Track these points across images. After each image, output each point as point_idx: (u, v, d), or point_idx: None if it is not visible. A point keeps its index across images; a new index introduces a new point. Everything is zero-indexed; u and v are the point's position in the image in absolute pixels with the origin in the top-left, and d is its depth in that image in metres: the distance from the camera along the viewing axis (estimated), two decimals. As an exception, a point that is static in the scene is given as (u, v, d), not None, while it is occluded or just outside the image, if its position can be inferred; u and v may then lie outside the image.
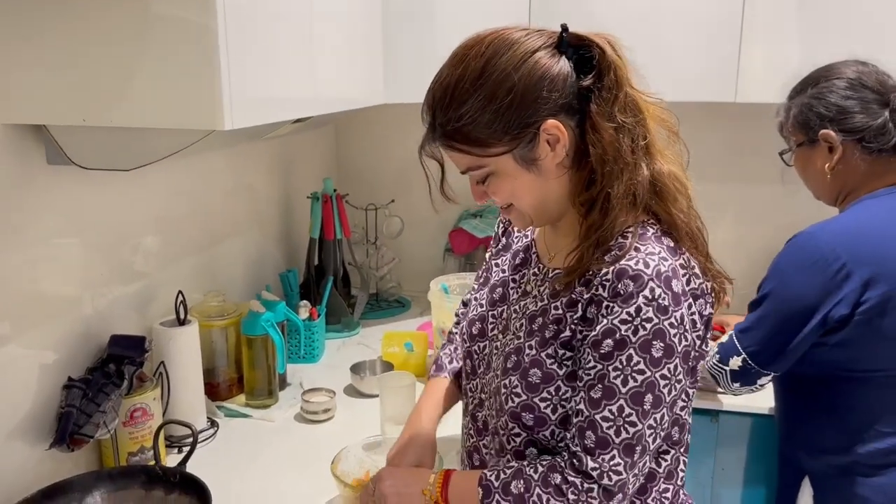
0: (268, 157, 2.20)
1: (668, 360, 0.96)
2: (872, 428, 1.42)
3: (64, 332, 1.41)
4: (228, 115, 1.11)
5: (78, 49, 1.14)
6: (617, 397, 0.96)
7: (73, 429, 1.32)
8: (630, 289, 0.94)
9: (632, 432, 0.96)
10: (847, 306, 1.36)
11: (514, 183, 1.01)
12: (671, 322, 0.95)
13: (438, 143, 1.01)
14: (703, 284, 1.02)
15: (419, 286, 2.40)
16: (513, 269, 1.19)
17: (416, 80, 1.97)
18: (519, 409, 1.04)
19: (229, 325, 1.76)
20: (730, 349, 1.49)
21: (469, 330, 1.20)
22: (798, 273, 1.40)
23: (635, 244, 0.98)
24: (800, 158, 1.55)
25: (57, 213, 1.38)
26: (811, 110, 1.48)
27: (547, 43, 0.97)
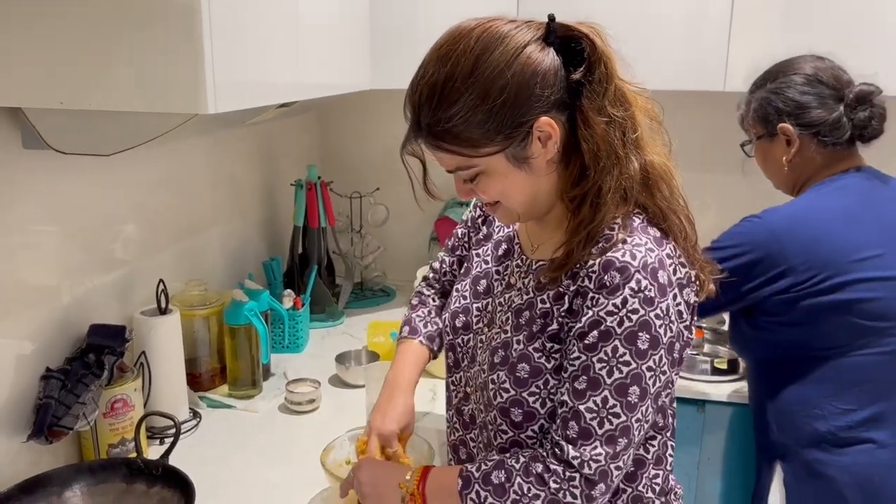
0: (251, 143, 2.16)
1: (653, 351, 0.95)
2: (832, 405, 1.46)
3: (42, 322, 1.38)
4: (212, 98, 1.08)
5: (56, 29, 1.10)
6: (601, 388, 0.95)
7: (52, 420, 1.29)
8: (616, 280, 0.94)
9: (615, 423, 0.95)
10: (785, 281, 1.43)
11: (505, 182, 0.99)
12: (657, 313, 0.94)
13: (425, 143, 0.97)
14: (689, 273, 1.01)
15: (404, 275, 2.38)
16: (496, 260, 1.17)
17: (403, 65, 1.94)
18: (508, 404, 1.03)
19: (212, 314, 1.73)
20: None
21: (452, 322, 1.18)
22: (739, 249, 1.47)
23: (622, 236, 0.96)
24: (759, 150, 1.61)
25: (34, 200, 1.34)
26: (770, 104, 1.54)
27: (536, 36, 0.94)
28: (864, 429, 1.45)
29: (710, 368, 1.89)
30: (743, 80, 1.91)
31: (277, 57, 1.38)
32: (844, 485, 1.45)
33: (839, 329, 1.44)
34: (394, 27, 1.94)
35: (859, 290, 1.42)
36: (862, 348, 1.45)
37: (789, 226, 1.46)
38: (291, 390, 1.68)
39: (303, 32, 1.48)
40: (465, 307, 1.17)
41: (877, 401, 1.45)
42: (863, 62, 1.57)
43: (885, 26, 1.82)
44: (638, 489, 1.08)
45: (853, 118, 1.48)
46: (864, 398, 1.45)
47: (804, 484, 1.50)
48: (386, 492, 1.09)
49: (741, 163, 1.69)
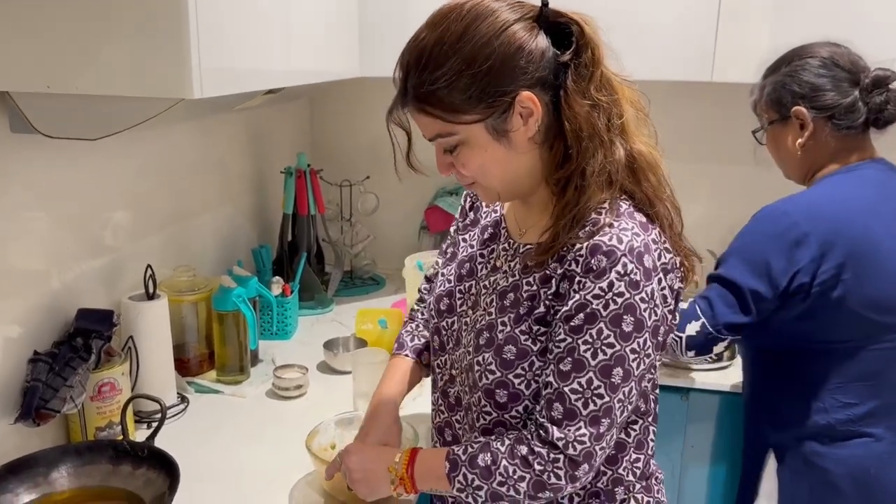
0: (240, 129, 2.16)
1: (637, 334, 0.96)
2: (834, 398, 1.45)
3: (30, 306, 1.38)
4: (198, 82, 1.09)
5: (42, 12, 1.10)
6: (586, 370, 0.97)
7: (39, 403, 1.30)
8: (603, 264, 0.95)
9: (599, 404, 0.97)
10: (807, 275, 1.39)
11: (485, 155, 0.99)
12: (642, 297, 0.96)
13: (410, 106, 0.99)
14: (674, 259, 1.03)
15: (394, 264, 2.39)
16: (481, 244, 1.18)
17: (393, 53, 1.94)
18: (493, 385, 1.04)
19: (200, 300, 1.73)
20: (688, 315, 1.49)
21: (437, 306, 1.19)
22: (761, 243, 1.44)
23: (609, 220, 0.98)
24: (772, 136, 1.58)
25: (22, 184, 1.35)
26: (784, 88, 1.50)
27: (527, 15, 0.96)
28: (864, 423, 1.45)
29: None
30: (730, 70, 1.94)
31: (265, 42, 1.38)
32: (839, 476, 1.45)
33: (850, 323, 1.42)
34: (383, 15, 1.93)
35: (876, 285, 1.40)
36: (871, 343, 1.44)
37: (809, 214, 1.42)
38: (279, 376, 1.69)
39: (291, 18, 1.48)
40: (450, 290, 1.18)
41: (878, 395, 1.44)
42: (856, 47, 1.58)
43: (871, 15, 1.82)
44: (618, 472, 1.10)
45: (868, 102, 1.45)
46: (866, 392, 1.44)
47: (799, 475, 1.50)
48: (375, 476, 1.10)
49: (753, 150, 1.66)
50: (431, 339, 1.22)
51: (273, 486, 1.33)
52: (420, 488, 1.09)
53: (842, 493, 1.45)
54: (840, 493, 1.45)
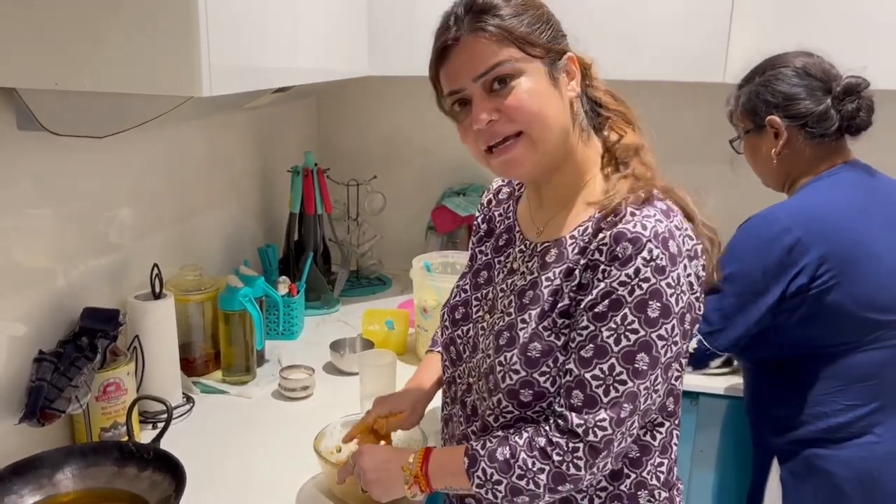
0: (248, 128, 2.15)
1: (664, 320, 0.95)
2: (834, 401, 1.46)
3: (35, 305, 1.37)
4: (207, 80, 1.07)
5: (50, 9, 1.08)
6: (609, 356, 0.95)
7: (44, 403, 1.29)
8: (629, 251, 0.94)
9: (621, 391, 0.95)
10: (805, 277, 1.40)
11: (542, 95, 0.99)
12: (668, 282, 0.94)
13: (473, 27, 0.98)
14: (696, 246, 1.02)
15: (401, 264, 2.37)
16: (496, 251, 1.17)
17: (401, 52, 1.96)
18: (517, 385, 1.02)
19: (206, 299, 1.72)
20: None
21: (451, 315, 1.18)
22: (754, 252, 1.45)
23: (631, 209, 0.98)
24: (748, 145, 1.61)
25: (28, 182, 1.34)
26: (758, 97, 1.54)
27: None
28: (865, 424, 1.45)
29: (704, 361, 1.89)
30: (743, 71, 1.92)
31: (274, 41, 1.37)
32: (843, 479, 1.45)
33: (849, 324, 1.43)
34: (392, 13, 1.92)
35: (872, 284, 1.41)
36: (872, 343, 1.44)
37: (801, 219, 1.43)
38: (285, 377, 1.68)
39: (300, 16, 1.47)
40: (465, 300, 1.17)
41: (879, 396, 1.45)
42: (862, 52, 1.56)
43: (886, 14, 1.81)
44: (642, 475, 1.08)
45: (841, 110, 1.47)
46: (867, 393, 1.45)
47: (802, 480, 1.49)
48: (390, 476, 1.10)
49: (730, 158, 1.69)
50: (447, 352, 1.19)
51: (280, 489, 1.31)
52: (435, 487, 1.08)
53: (846, 495, 1.45)
54: (844, 495, 1.45)
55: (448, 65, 1.01)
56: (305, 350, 1.93)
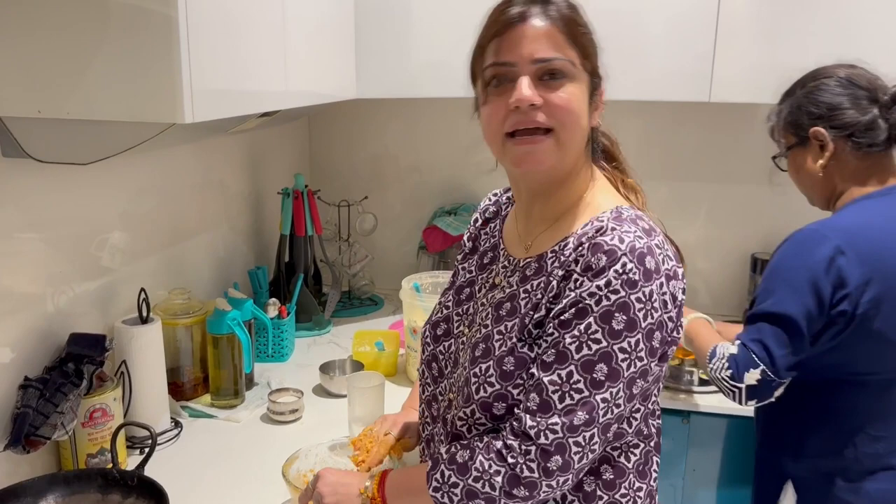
0: (238, 151, 2.16)
1: (629, 333, 0.94)
2: (863, 432, 1.41)
3: (22, 330, 1.37)
4: (189, 107, 1.08)
5: (33, 38, 1.10)
6: (568, 363, 0.95)
7: (30, 430, 1.28)
8: (602, 263, 0.94)
9: (577, 398, 0.95)
10: (850, 303, 1.34)
11: (580, 100, 1.01)
12: (638, 297, 0.94)
13: (559, 20, 0.99)
14: (676, 269, 1.01)
15: (392, 284, 2.37)
16: (480, 268, 1.18)
17: (389, 75, 1.98)
18: (491, 398, 1.02)
19: (194, 323, 1.72)
20: (745, 362, 1.38)
21: (433, 332, 1.18)
22: (806, 269, 1.36)
23: (612, 224, 0.98)
24: (792, 161, 1.54)
25: (15, 208, 1.34)
26: (801, 110, 1.48)
27: None
28: (892, 456, 1.40)
29: (694, 379, 1.88)
30: (728, 90, 1.93)
31: (259, 66, 1.38)
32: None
33: (886, 355, 1.38)
34: (379, 37, 1.94)
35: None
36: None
37: (849, 239, 1.35)
38: (274, 400, 1.67)
39: (286, 41, 1.48)
40: (447, 316, 1.17)
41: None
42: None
43: (870, 37, 1.82)
44: (616, 497, 1.07)
45: (889, 118, 1.41)
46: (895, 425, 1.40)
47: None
48: (348, 499, 1.10)
49: (769, 174, 1.62)
50: (429, 369, 1.18)
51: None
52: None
53: None
54: None
55: (507, 37, 0.99)
56: (296, 372, 1.92)
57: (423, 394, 1.20)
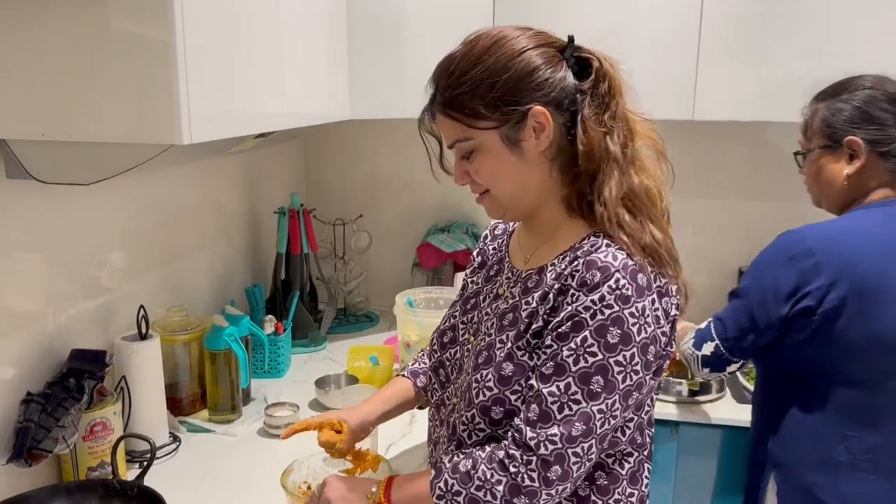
0: (235, 171, 2.20)
1: (623, 347, 0.98)
2: (840, 432, 1.44)
3: (24, 347, 1.40)
4: (187, 129, 1.13)
5: (37, 63, 1.14)
6: (566, 375, 0.99)
7: (32, 444, 1.31)
8: (597, 279, 0.98)
9: (575, 409, 0.99)
10: (812, 300, 1.39)
11: (496, 162, 1.05)
12: (631, 311, 0.98)
13: (436, 110, 1.06)
14: (669, 285, 1.05)
15: (387, 301, 2.40)
16: (486, 280, 1.22)
17: (382, 96, 2.03)
18: (490, 402, 1.06)
19: (192, 339, 1.76)
20: (705, 335, 1.53)
21: (440, 340, 1.23)
22: (774, 266, 1.44)
23: (605, 241, 1.02)
24: (816, 162, 1.53)
25: (18, 228, 1.38)
26: (840, 115, 1.47)
27: (551, 44, 1.05)
28: (869, 460, 1.42)
29: (683, 391, 1.92)
30: (711, 108, 1.98)
31: (255, 88, 1.43)
32: None
33: (856, 356, 1.41)
34: (373, 59, 1.99)
35: (881, 322, 1.38)
36: (882, 380, 1.42)
37: (826, 243, 1.41)
38: (270, 414, 1.70)
39: (281, 64, 1.52)
40: (453, 325, 1.22)
41: (885, 433, 1.42)
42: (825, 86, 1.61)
43: (850, 54, 1.86)
44: (608, 502, 1.10)
45: None
46: (872, 429, 1.42)
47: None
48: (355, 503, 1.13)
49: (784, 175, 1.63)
50: (436, 375, 1.23)
51: (262, 524, 1.34)
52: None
53: None
54: None
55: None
56: (292, 387, 1.96)
57: (433, 398, 1.25)
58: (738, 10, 1.93)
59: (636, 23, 1.98)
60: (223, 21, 1.27)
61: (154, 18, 1.10)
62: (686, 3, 1.94)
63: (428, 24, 2.01)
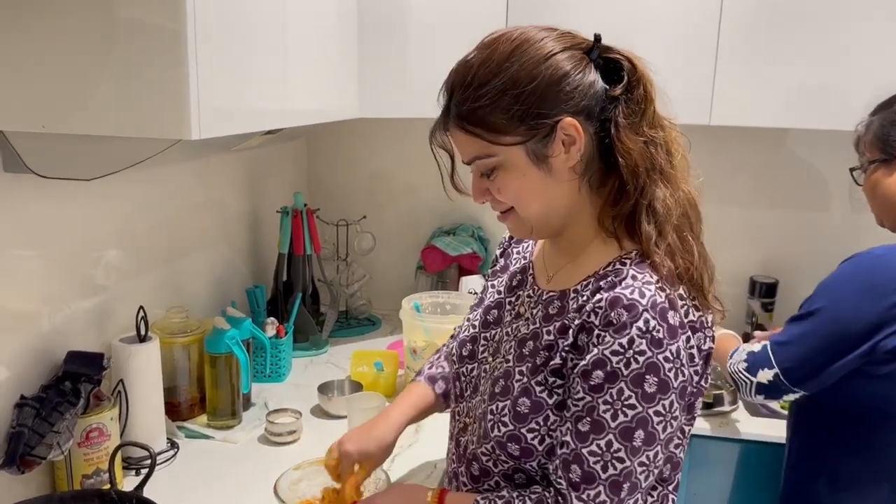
0: (237, 169, 2.15)
1: (662, 395, 0.91)
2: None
3: (18, 348, 1.35)
4: (196, 124, 1.08)
5: (39, 52, 1.09)
6: (606, 432, 0.92)
7: (25, 450, 1.26)
8: (623, 318, 0.91)
9: (619, 468, 0.92)
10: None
11: (523, 181, 0.96)
12: (666, 356, 0.91)
13: (452, 125, 0.97)
14: (703, 318, 0.98)
15: (390, 304, 2.36)
16: (508, 290, 1.15)
17: (391, 94, 1.98)
18: (505, 438, 1.01)
19: (192, 342, 1.70)
20: (762, 360, 1.42)
21: (459, 351, 1.17)
22: (855, 294, 1.35)
23: (633, 272, 0.94)
24: (872, 177, 1.47)
25: (14, 224, 1.32)
26: (894, 126, 1.42)
27: (578, 45, 0.96)
28: None
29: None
30: (728, 114, 1.94)
31: (265, 84, 1.38)
32: None
33: None
34: (382, 57, 1.94)
35: None
36: None
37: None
38: (272, 421, 1.65)
39: (291, 60, 1.48)
40: (473, 336, 1.16)
41: None
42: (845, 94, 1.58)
43: (867, 60, 1.84)
44: None
45: None
46: None
47: None
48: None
49: (848, 191, 1.56)
50: (452, 386, 1.19)
51: (265, 538, 1.28)
52: None
53: None
54: None
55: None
56: (293, 393, 1.90)
57: (451, 405, 1.21)
58: (757, 13, 1.89)
59: (652, 25, 1.94)
60: (235, 12, 1.22)
61: (164, 5, 1.04)
62: (705, 6, 1.90)
63: (439, 23, 1.96)
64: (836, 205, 2.26)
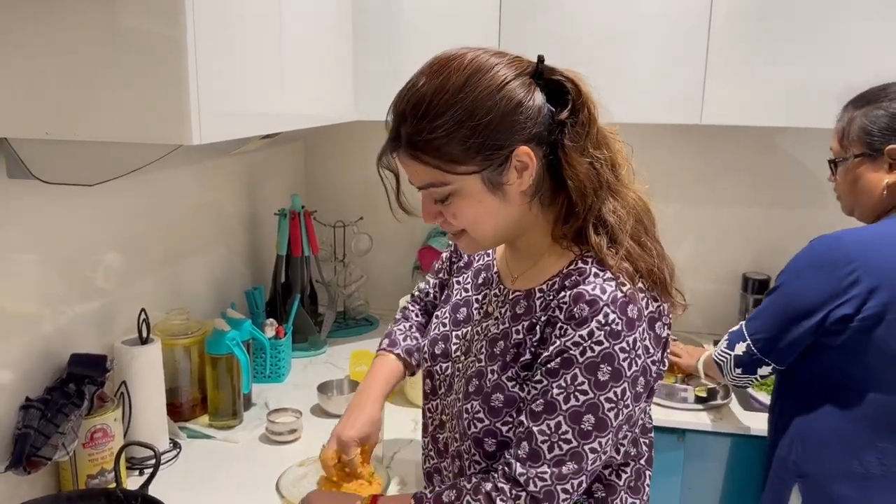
0: (235, 173, 2.17)
1: (615, 384, 0.96)
2: (872, 444, 1.42)
3: (22, 351, 1.37)
4: (197, 129, 1.10)
5: (42, 60, 1.11)
6: (556, 413, 0.96)
7: (31, 451, 1.28)
8: (585, 313, 0.95)
9: (565, 449, 0.96)
10: (850, 308, 1.38)
11: (478, 207, 0.99)
12: (622, 346, 0.95)
13: (403, 153, 0.97)
14: (661, 307, 1.02)
15: (388, 304, 2.39)
16: (475, 288, 1.19)
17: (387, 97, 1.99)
18: (482, 434, 1.04)
19: (193, 343, 1.72)
20: (737, 335, 1.54)
21: (431, 350, 1.20)
22: (811, 270, 1.44)
23: (595, 269, 0.98)
24: (850, 170, 1.50)
25: (17, 228, 1.34)
26: (879, 122, 1.44)
27: (525, 71, 0.97)
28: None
29: (689, 397, 1.90)
30: (718, 113, 1.97)
31: (263, 88, 1.40)
32: None
33: (881, 364, 1.39)
34: (377, 60, 1.97)
35: None
36: None
37: (864, 248, 1.39)
38: (272, 420, 1.67)
39: (288, 64, 1.50)
40: (445, 335, 1.19)
41: None
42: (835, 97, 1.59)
43: (858, 59, 1.87)
44: None
45: None
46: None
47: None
48: None
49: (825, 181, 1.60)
50: (423, 383, 1.22)
51: (268, 534, 1.31)
52: None
53: None
54: None
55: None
56: (293, 392, 1.93)
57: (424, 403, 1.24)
58: (747, 13, 1.92)
59: (644, 24, 1.96)
60: (232, 19, 1.24)
61: (164, 14, 1.06)
62: (695, 6, 1.93)
63: (433, 27, 1.99)
64: (825, 202, 2.28)
